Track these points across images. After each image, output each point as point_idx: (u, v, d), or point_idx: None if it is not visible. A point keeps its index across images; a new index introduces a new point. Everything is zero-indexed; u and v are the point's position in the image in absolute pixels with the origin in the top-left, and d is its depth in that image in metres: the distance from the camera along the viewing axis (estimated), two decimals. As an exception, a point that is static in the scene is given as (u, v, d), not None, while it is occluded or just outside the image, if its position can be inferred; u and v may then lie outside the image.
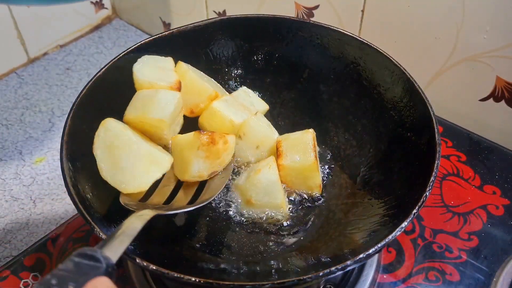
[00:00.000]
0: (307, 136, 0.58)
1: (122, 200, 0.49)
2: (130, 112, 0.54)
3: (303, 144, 0.57)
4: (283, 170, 0.57)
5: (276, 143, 0.59)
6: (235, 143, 0.55)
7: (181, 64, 0.60)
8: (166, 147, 0.56)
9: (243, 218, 0.58)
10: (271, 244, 0.56)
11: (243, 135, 0.60)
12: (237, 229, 0.57)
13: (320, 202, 0.59)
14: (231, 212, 0.59)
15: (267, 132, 0.61)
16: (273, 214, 0.58)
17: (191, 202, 0.53)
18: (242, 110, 0.61)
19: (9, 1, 0.54)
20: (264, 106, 0.66)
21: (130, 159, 0.49)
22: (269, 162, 0.57)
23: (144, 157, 0.50)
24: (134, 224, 0.43)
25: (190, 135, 0.52)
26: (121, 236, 0.40)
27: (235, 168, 0.61)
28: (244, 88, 0.66)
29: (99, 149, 0.50)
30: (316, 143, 0.59)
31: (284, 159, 0.57)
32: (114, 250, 0.37)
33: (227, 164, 0.56)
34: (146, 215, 0.45)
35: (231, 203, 0.59)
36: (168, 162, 0.52)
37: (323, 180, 0.61)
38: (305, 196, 0.60)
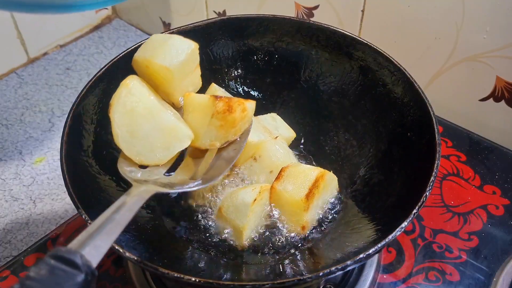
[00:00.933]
0: (312, 174, 0.54)
1: (120, 164, 0.45)
2: (139, 54, 0.48)
3: (303, 178, 0.54)
4: (274, 193, 0.55)
5: (284, 167, 0.56)
6: (254, 109, 0.50)
7: (214, 85, 0.58)
8: (175, 106, 0.50)
9: (212, 224, 0.57)
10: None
11: (258, 157, 0.59)
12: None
13: (298, 244, 0.55)
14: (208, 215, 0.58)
15: (283, 158, 0.59)
16: (231, 235, 0.55)
17: (195, 175, 0.48)
18: (262, 132, 0.60)
19: (13, 8, 0.52)
20: (290, 133, 0.65)
21: (151, 130, 0.44)
22: (257, 186, 0.55)
23: (167, 129, 0.45)
24: (127, 207, 0.37)
25: (205, 98, 0.47)
26: (108, 226, 0.34)
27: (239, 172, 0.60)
28: (273, 114, 0.65)
29: (117, 113, 0.44)
30: (329, 186, 0.56)
31: (279, 183, 0.54)
32: (97, 249, 0.31)
33: (242, 132, 0.51)
34: (143, 194, 0.40)
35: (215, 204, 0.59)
36: (189, 139, 0.47)
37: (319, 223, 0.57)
38: (287, 230, 0.56)
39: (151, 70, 0.47)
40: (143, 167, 0.47)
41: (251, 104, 0.49)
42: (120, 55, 0.59)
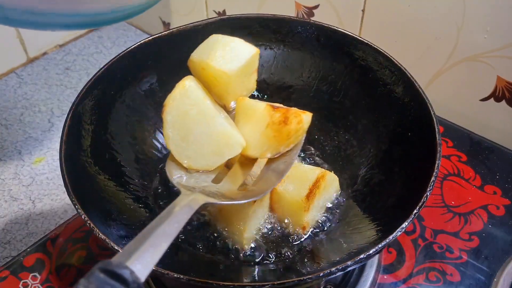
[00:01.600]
0: (313, 174, 0.54)
1: (169, 167, 0.44)
2: (196, 55, 0.47)
3: (303, 179, 0.53)
4: (275, 194, 0.54)
5: None
6: (309, 122, 0.48)
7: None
8: (226, 109, 0.49)
9: (212, 225, 0.56)
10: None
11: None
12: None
13: (298, 244, 0.54)
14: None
15: None
16: (231, 236, 0.55)
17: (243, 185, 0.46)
18: None
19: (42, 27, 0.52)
20: None
21: (203, 134, 0.43)
22: None
23: (219, 135, 0.44)
24: (176, 218, 0.35)
25: (261, 106, 0.45)
26: (158, 239, 0.32)
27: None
28: None
29: (170, 115, 0.43)
30: (330, 187, 0.56)
31: (279, 183, 0.53)
32: (146, 264, 0.30)
33: (295, 145, 0.48)
34: (192, 203, 0.38)
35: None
36: (240, 147, 0.46)
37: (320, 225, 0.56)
38: (287, 231, 0.56)
39: (207, 73, 0.46)
40: (190, 172, 0.46)
41: (307, 117, 0.47)
42: (120, 55, 0.59)
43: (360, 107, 0.63)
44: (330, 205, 0.59)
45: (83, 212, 0.44)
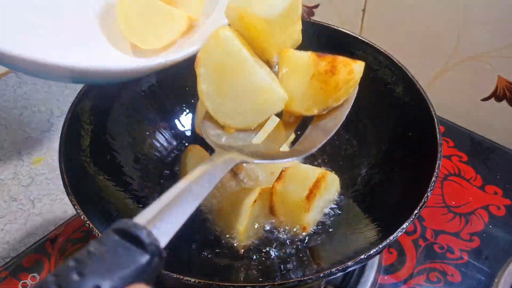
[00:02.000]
0: (313, 174, 0.53)
1: (204, 126, 0.40)
2: (233, 2, 0.41)
3: (304, 179, 0.53)
4: (275, 194, 0.54)
5: (285, 167, 0.55)
6: (361, 72, 0.42)
7: None
8: (269, 65, 0.44)
9: (211, 225, 0.56)
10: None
11: None
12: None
13: (299, 244, 0.54)
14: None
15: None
16: (231, 237, 0.54)
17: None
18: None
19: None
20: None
21: (241, 89, 0.39)
22: (257, 187, 0.54)
23: (259, 89, 0.40)
24: (208, 177, 0.31)
25: (305, 55, 0.41)
26: (185, 199, 0.29)
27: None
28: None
29: (204, 67, 0.39)
30: (330, 187, 0.55)
31: (279, 184, 0.53)
32: (169, 225, 0.27)
33: (345, 99, 0.43)
34: (227, 162, 0.34)
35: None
36: (282, 103, 0.41)
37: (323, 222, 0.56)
38: (287, 231, 0.56)
39: (246, 21, 0.40)
40: (229, 131, 0.42)
41: (359, 66, 0.41)
42: (119, 55, 0.59)
43: (361, 106, 0.63)
44: (330, 205, 0.58)
45: (82, 212, 0.44)
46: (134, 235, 0.24)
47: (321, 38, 0.64)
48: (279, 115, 0.45)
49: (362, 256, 0.42)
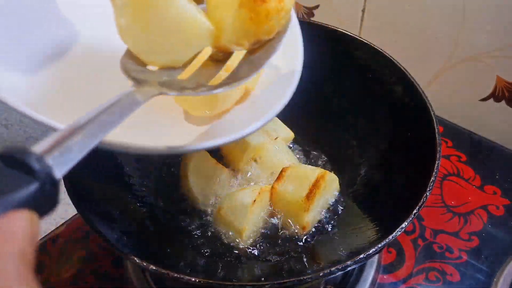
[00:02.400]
0: (313, 174, 0.54)
1: (123, 62, 0.36)
2: None
3: (303, 179, 0.54)
4: (275, 194, 0.55)
5: (285, 167, 0.56)
6: (293, 3, 0.39)
7: None
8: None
9: (211, 225, 0.57)
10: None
11: (259, 158, 0.59)
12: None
13: (298, 244, 0.55)
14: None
15: (284, 159, 0.59)
16: (231, 236, 0.55)
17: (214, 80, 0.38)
18: (261, 134, 0.60)
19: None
20: (287, 134, 0.64)
21: (165, 22, 0.36)
22: (257, 187, 0.55)
23: (184, 22, 0.36)
24: (120, 105, 0.28)
25: None
26: (90, 127, 0.26)
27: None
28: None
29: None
30: (330, 187, 0.56)
31: (279, 184, 0.55)
32: (66, 153, 0.24)
33: (277, 31, 0.39)
34: (145, 92, 0.32)
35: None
36: (210, 35, 0.38)
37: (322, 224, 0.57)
38: (287, 231, 0.56)
39: None
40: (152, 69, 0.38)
41: None
42: (120, 55, 0.59)
43: (360, 107, 0.63)
44: (330, 205, 0.59)
45: (82, 212, 0.44)
46: (21, 161, 0.22)
47: (321, 39, 0.64)
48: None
49: (362, 256, 0.42)
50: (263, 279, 0.50)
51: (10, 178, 0.21)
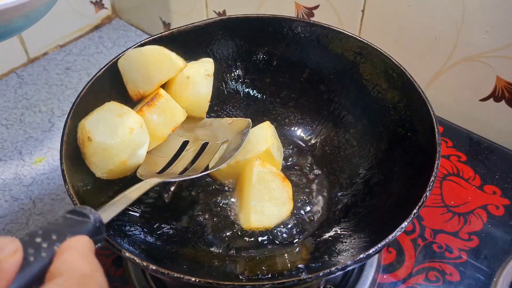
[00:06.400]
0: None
1: (139, 174, 0.53)
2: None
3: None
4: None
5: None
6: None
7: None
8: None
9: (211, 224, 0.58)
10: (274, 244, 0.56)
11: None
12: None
13: (299, 243, 0.56)
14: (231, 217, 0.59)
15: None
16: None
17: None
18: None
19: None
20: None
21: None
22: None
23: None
24: (134, 190, 0.47)
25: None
26: (118, 202, 0.44)
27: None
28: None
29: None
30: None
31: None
32: (107, 211, 0.41)
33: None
34: (149, 181, 0.49)
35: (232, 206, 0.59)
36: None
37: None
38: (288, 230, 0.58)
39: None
40: (159, 172, 0.55)
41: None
42: (120, 55, 0.59)
43: (360, 107, 0.63)
44: (329, 205, 0.59)
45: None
46: (80, 212, 0.37)
47: (321, 39, 0.64)
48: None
49: (362, 256, 0.42)
50: (262, 278, 0.50)
51: (75, 221, 0.36)
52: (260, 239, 0.57)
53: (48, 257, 0.31)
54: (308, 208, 0.60)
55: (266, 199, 0.57)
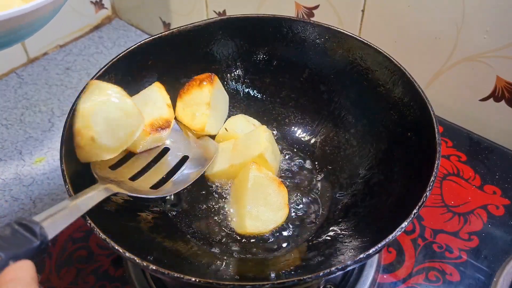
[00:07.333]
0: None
1: (93, 166, 0.50)
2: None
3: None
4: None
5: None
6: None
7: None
8: None
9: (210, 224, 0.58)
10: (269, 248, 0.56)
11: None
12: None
13: (298, 243, 0.57)
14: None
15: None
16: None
17: (160, 183, 0.54)
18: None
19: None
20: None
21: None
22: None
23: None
24: (89, 198, 0.44)
25: None
26: (70, 209, 0.41)
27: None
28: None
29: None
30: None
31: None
32: (55, 225, 0.38)
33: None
34: (105, 190, 0.46)
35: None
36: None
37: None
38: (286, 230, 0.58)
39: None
40: (112, 168, 0.52)
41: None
42: (120, 55, 0.59)
43: (360, 107, 0.63)
44: (330, 206, 0.59)
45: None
46: (29, 227, 0.35)
47: (321, 39, 0.64)
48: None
49: (362, 256, 0.42)
50: (262, 278, 0.50)
51: (23, 237, 0.35)
52: (259, 239, 0.57)
53: None
54: (307, 208, 0.60)
55: (261, 204, 0.56)
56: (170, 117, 0.59)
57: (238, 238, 0.57)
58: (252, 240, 0.56)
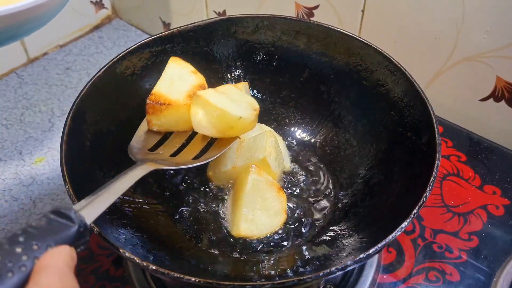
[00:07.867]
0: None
1: (130, 148, 0.51)
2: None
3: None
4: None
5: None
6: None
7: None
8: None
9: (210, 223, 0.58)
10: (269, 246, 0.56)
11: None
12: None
13: (298, 243, 0.57)
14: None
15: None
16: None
17: (197, 157, 0.53)
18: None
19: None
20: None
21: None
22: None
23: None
24: (125, 179, 0.43)
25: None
26: (105, 194, 0.40)
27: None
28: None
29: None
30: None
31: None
32: (92, 210, 0.37)
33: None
34: (141, 169, 0.46)
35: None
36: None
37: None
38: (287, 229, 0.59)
39: None
40: (152, 150, 0.53)
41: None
42: (120, 55, 0.59)
43: (360, 107, 0.63)
44: (330, 206, 0.59)
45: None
46: (65, 213, 0.34)
47: (321, 39, 0.64)
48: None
49: (361, 255, 0.42)
50: (262, 278, 0.50)
51: (59, 224, 0.34)
52: (259, 239, 0.57)
53: (26, 273, 0.30)
54: (307, 209, 0.60)
55: (258, 208, 0.55)
56: (202, 81, 0.57)
57: (238, 238, 0.57)
58: (252, 241, 0.56)
